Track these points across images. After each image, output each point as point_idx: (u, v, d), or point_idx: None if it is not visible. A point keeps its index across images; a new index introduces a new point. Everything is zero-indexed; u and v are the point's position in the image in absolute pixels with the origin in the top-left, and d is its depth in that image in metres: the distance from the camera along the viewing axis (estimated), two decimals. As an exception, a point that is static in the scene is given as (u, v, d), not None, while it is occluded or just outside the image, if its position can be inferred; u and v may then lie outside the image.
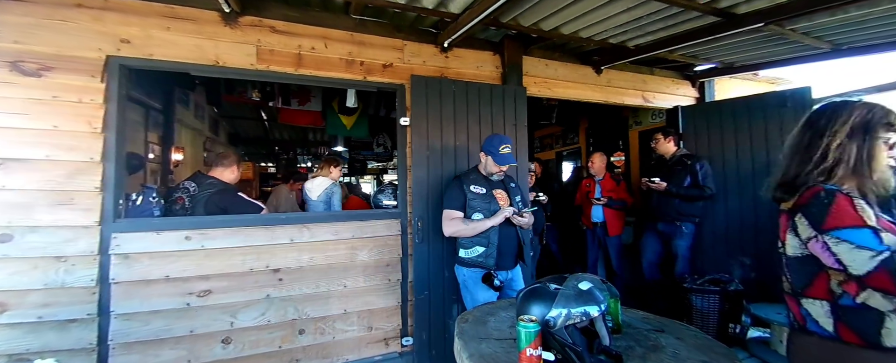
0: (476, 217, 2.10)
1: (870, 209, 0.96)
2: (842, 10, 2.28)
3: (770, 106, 3.23)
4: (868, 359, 0.95)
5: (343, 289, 2.41)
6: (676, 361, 1.14)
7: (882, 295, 0.92)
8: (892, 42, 2.79)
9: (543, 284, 1.17)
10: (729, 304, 2.89)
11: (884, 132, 1.01)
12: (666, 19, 2.55)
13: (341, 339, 2.42)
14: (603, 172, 3.88)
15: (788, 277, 1.11)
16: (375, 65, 2.57)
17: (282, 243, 2.28)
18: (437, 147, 2.60)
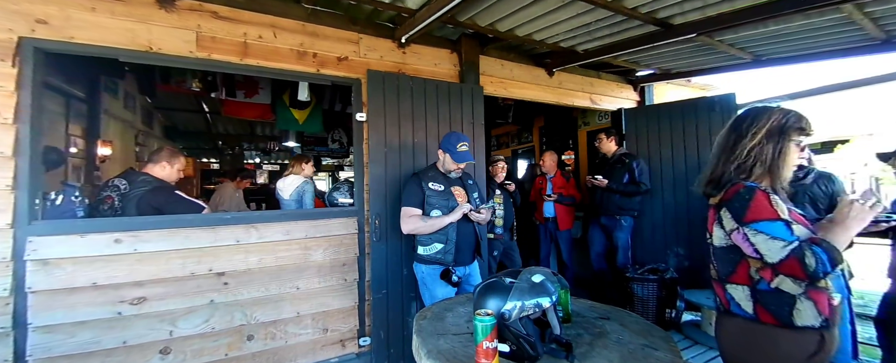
0: (434, 214, 2.12)
1: (783, 204, 1.10)
2: (762, 24, 2.56)
3: (701, 110, 3.55)
4: (781, 337, 1.08)
5: (296, 291, 2.32)
6: (620, 346, 1.22)
7: (792, 280, 1.06)
8: (806, 55, 3.16)
9: (499, 279, 1.21)
10: (665, 291, 3.16)
11: (796, 135, 1.15)
12: (612, 26, 2.71)
13: (294, 343, 2.33)
14: (554, 170, 4.05)
15: (715, 265, 1.23)
16: (329, 57, 2.49)
17: (226, 245, 2.15)
18: (394, 144, 2.57)
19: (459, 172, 2.22)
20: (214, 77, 4.00)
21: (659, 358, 1.13)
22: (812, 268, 0.98)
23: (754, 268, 1.12)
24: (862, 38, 2.75)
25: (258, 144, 8.53)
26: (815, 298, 1.07)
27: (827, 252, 0.99)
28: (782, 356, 1.08)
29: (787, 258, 1.01)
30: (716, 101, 3.51)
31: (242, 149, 8.72)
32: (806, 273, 0.99)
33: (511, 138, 6.42)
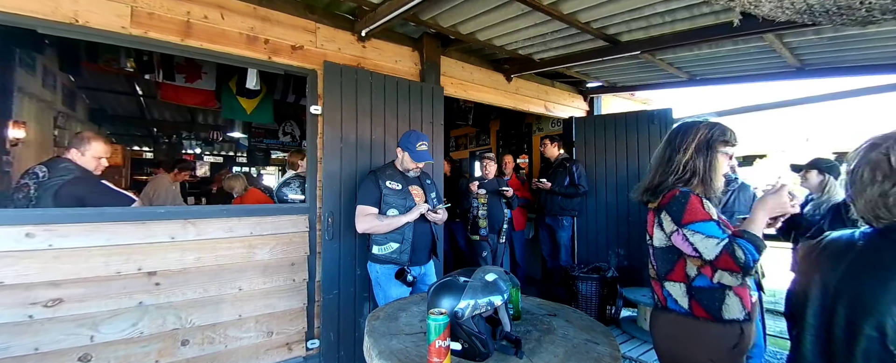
0: (391, 213, 2.09)
1: (713, 207, 1.21)
2: (697, 47, 2.81)
3: (641, 122, 3.83)
4: (711, 330, 1.19)
5: (238, 292, 2.18)
6: (565, 341, 1.29)
7: (729, 273, 1.17)
8: (733, 76, 3.52)
9: (454, 278, 1.22)
10: (607, 289, 3.36)
11: (722, 147, 1.27)
12: (566, 38, 2.85)
13: (235, 348, 2.19)
14: (509, 173, 4.18)
15: (654, 264, 1.33)
16: (283, 45, 2.37)
17: (159, 242, 1.97)
18: (351, 139, 2.50)
19: (418, 171, 2.21)
20: (151, 57, 3.65)
21: (600, 352, 1.20)
22: (742, 260, 1.08)
23: (694, 267, 1.22)
24: (781, 65, 3.11)
25: (199, 133, 7.89)
26: (740, 294, 1.19)
27: (750, 242, 1.10)
28: (709, 348, 1.19)
29: (721, 254, 1.11)
30: (655, 114, 3.80)
31: (181, 138, 8.03)
32: (738, 265, 1.09)
33: (470, 140, 6.51)
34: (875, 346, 0.72)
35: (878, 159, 0.79)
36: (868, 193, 0.81)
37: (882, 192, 0.78)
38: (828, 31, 2.37)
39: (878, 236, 0.81)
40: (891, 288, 0.71)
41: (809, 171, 2.61)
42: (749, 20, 2.27)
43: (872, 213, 0.81)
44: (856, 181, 0.83)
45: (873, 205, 0.80)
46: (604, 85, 4.24)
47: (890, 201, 0.77)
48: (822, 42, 2.58)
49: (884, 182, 0.78)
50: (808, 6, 0.67)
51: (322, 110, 2.43)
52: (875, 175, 0.79)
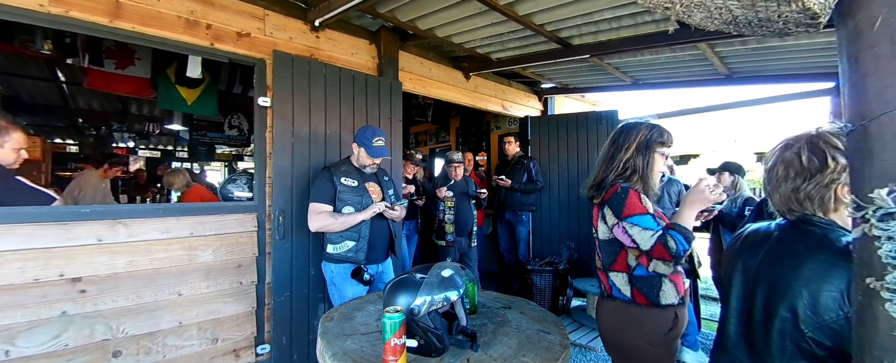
0: (346, 211, 2.02)
1: (650, 202, 1.31)
2: (639, 53, 3.00)
3: (591, 122, 4.04)
4: (650, 314, 1.29)
5: (177, 297, 2.03)
6: (519, 332, 1.33)
7: (663, 262, 1.26)
8: (672, 81, 3.80)
9: (410, 275, 1.21)
10: (559, 281, 3.52)
11: (659, 147, 1.37)
12: (522, 39, 2.93)
13: (175, 357, 2.03)
14: (470, 170, 4.24)
15: (600, 256, 1.42)
16: (228, 31, 2.22)
17: (84, 244, 1.79)
18: (303, 134, 2.40)
19: (374, 168, 2.17)
20: (74, 40, 3.28)
21: (551, 340, 1.25)
22: (674, 250, 1.18)
23: (633, 257, 1.31)
24: (712, 73, 3.40)
25: (132, 125, 7.20)
26: (674, 281, 1.30)
27: (681, 233, 1.20)
28: (649, 331, 1.29)
29: (655, 244, 1.20)
30: (603, 115, 4.02)
31: (111, 129, 7.29)
32: (670, 254, 1.18)
33: (429, 137, 6.50)
34: (788, 326, 0.80)
35: (790, 158, 0.88)
36: (782, 189, 0.90)
37: (794, 188, 0.88)
38: (752, 42, 2.62)
39: (790, 227, 0.90)
40: (801, 273, 0.80)
41: (722, 172, 3.08)
42: (684, 29, 2.45)
43: (786, 207, 0.91)
44: (772, 178, 0.93)
45: (786, 200, 0.90)
46: (557, 86, 4.41)
47: (801, 196, 0.87)
48: (747, 52, 2.85)
49: (795, 179, 0.87)
50: (733, 17, 0.73)
51: (271, 102, 2.31)
52: (788, 172, 0.89)
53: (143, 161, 8.17)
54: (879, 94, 0.59)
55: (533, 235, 4.14)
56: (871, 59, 0.60)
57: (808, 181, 0.85)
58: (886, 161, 0.58)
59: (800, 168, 0.87)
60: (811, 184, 0.85)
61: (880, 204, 0.57)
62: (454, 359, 1.13)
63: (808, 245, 0.82)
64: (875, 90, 0.60)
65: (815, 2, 0.63)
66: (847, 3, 0.64)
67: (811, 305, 0.76)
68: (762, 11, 0.71)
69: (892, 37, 0.57)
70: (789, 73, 3.29)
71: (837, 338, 0.73)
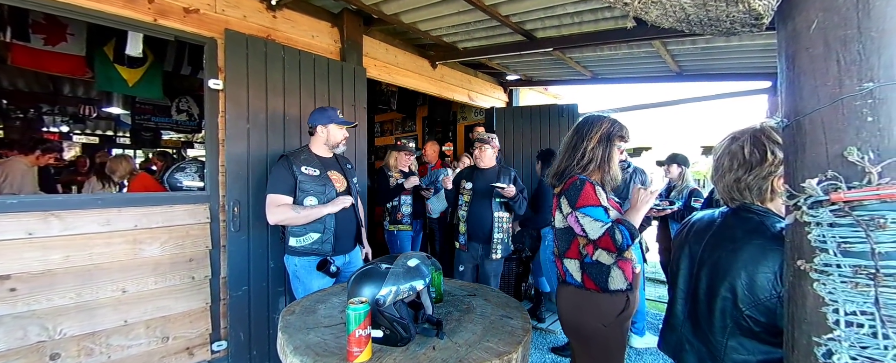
0: (309, 202, 1.92)
1: (604, 194, 1.37)
2: (599, 48, 3.10)
3: (553, 114, 4.15)
4: (601, 300, 1.36)
5: (122, 294, 1.89)
6: (483, 318, 1.35)
7: (607, 252, 1.34)
8: (628, 77, 3.97)
9: (375, 265, 1.20)
10: (522, 268, 3.62)
11: (618, 142, 1.44)
12: (488, 29, 2.93)
13: (121, 358, 1.90)
14: (435, 159, 4.21)
15: (556, 243, 1.47)
16: (173, 6, 2.04)
17: (12, 239, 1.62)
18: (260, 119, 2.28)
19: (344, 146, 2.07)
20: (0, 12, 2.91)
21: (513, 325, 1.29)
22: (619, 242, 1.26)
23: (582, 245, 1.38)
24: (664, 70, 3.58)
25: (66, 108, 6.52)
26: (622, 268, 1.37)
27: (628, 229, 1.30)
28: (602, 314, 1.36)
29: (603, 235, 1.28)
30: (564, 108, 4.14)
31: (40, 112, 6.56)
32: (615, 246, 1.27)
33: (395, 126, 6.41)
34: (728, 305, 0.87)
35: (735, 150, 0.95)
36: (726, 179, 0.97)
37: (736, 178, 0.95)
38: (701, 41, 2.78)
39: (731, 215, 0.97)
40: (740, 257, 0.87)
41: (670, 164, 3.30)
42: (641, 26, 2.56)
43: (728, 195, 0.98)
44: (718, 168, 1.00)
45: (729, 189, 0.97)
46: (522, 78, 4.48)
47: (741, 185, 0.94)
48: (697, 51, 3.03)
49: (738, 170, 0.94)
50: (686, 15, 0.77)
51: (224, 85, 2.17)
52: (732, 164, 0.95)
53: (79, 147, 7.45)
54: (813, 92, 0.64)
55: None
56: (806, 59, 0.65)
57: (749, 172, 0.92)
58: (817, 153, 0.63)
59: (742, 160, 0.93)
60: (751, 175, 0.92)
61: (811, 192, 0.62)
62: (420, 348, 1.13)
63: (747, 231, 0.90)
64: (809, 88, 0.65)
65: (759, 3, 0.67)
66: (787, 5, 0.69)
67: (748, 286, 0.83)
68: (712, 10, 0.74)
69: (826, 39, 0.62)
70: (733, 72, 3.53)
71: (771, 316, 0.81)
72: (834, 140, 0.61)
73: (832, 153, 0.61)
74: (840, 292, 0.58)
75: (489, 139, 2.63)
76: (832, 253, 0.59)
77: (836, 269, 0.59)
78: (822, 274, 0.61)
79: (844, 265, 0.58)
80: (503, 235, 2.58)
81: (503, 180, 2.54)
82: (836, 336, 0.59)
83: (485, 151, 2.62)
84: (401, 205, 3.18)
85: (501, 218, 2.57)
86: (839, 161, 0.60)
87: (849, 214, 0.57)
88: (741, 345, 0.86)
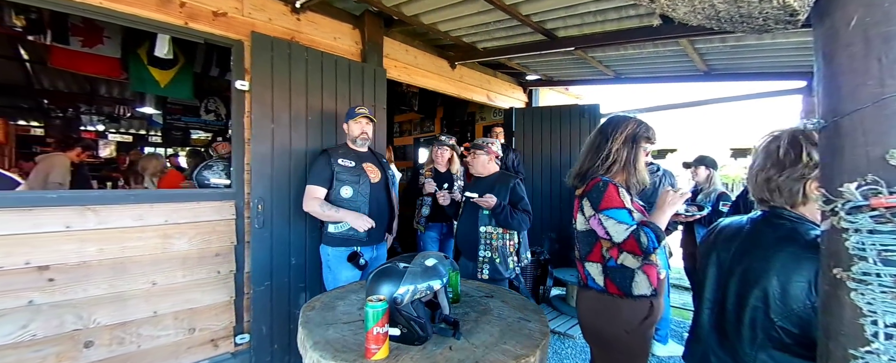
0: (344, 191, 2.10)
1: (628, 196, 1.34)
2: (622, 47, 3.03)
3: (574, 115, 4.08)
4: (624, 305, 1.33)
5: (152, 286, 1.97)
6: (501, 320, 1.35)
7: (632, 256, 1.30)
8: (653, 76, 3.86)
9: (393, 264, 1.21)
10: (540, 270, 3.58)
11: (644, 143, 1.41)
12: (508, 29, 2.91)
13: (151, 347, 1.98)
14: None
15: (577, 246, 1.45)
16: (203, 10, 2.12)
17: (52, 231, 1.71)
18: (284, 119, 2.34)
19: (366, 139, 2.22)
20: (40, 15, 3.08)
21: (531, 328, 1.28)
22: (644, 245, 1.23)
23: (605, 248, 1.34)
24: (691, 69, 3.47)
25: (102, 108, 6.86)
26: (647, 272, 1.33)
27: (653, 232, 1.25)
28: (624, 320, 1.33)
29: (627, 238, 1.24)
30: (585, 108, 4.07)
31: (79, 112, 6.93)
32: (641, 249, 1.23)
33: (414, 126, 6.45)
34: (759, 316, 0.84)
35: (771, 149, 0.91)
36: (759, 177, 0.93)
37: (767, 178, 0.91)
38: (731, 39, 2.68)
39: (762, 221, 0.94)
40: (772, 265, 0.83)
41: (698, 166, 3.19)
42: (667, 24, 2.49)
43: (759, 195, 0.94)
44: (753, 166, 0.96)
45: (760, 188, 0.93)
46: (542, 78, 4.42)
47: (772, 186, 0.90)
48: (726, 49, 2.92)
49: (770, 169, 0.90)
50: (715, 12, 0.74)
51: (250, 86, 2.23)
52: (766, 163, 0.92)
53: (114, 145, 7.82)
54: (852, 93, 0.61)
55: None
56: (845, 58, 0.62)
57: (781, 173, 0.88)
58: (856, 157, 0.60)
59: (776, 159, 0.90)
60: (783, 175, 0.88)
61: (849, 197, 0.59)
62: (437, 348, 1.14)
63: (779, 238, 0.86)
64: (848, 88, 0.62)
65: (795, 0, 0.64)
66: (824, 1, 0.66)
67: (780, 295, 0.80)
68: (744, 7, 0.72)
69: (867, 36, 0.59)
70: (765, 72, 3.39)
71: (804, 327, 0.77)
72: (875, 142, 0.58)
73: (873, 156, 0.58)
74: (879, 302, 0.55)
75: (484, 144, 2.36)
76: (872, 261, 0.56)
77: (875, 279, 0.56)
78: (860, 283, 0.58)
79: (885, 274, 0.55)
80: (492, 254, 2.21)
81: (497, 190, 2.22)
82: (874, 349, 0.56)
83: (477, 158, 2.36)
84: (422, 206, 3.17)
85: (488, 233, 2.23)
86: (880, 164, 0.57)
87: (891, 220, 0.54)
88: (772, 357, 0.82)
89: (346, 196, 2.11)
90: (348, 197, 2.11)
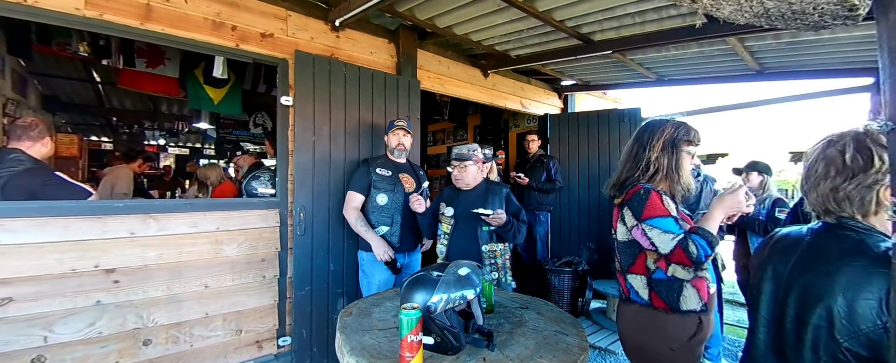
0: (380, 198, 2.25)
1: (673, 204, 1.26)
2: (664, 48, 2.91)
3: (613, 120, 3.94)
4: (671, 320, 1.25)
5: (204, 289, 2.10)
6: (536, 333, 1.31)
7: (682, 267, 1.22)
8: (699, 78, 3.66)
9: (427, 272, 1.22)
10: (578, 282, 3.46)
11: (685, 146, 1.33)
12: (541, 36, 2.88)
13: (202, 347, 2.11)
14: None
15: (618, 258, 1.38)
16: (252, 32, 2.28)
17: (118, 237, 1.87)
18: (324, 132, 2.45)
19: (404, 150, 2.33)
20: (108, 42, 3.44)
21: (568, 342, 1.24)
22: (694, 255, 1.14)
23: (651, 260, 1.27)
24: (741, 68, 3.26)
25: (163, 124, 7.51)
26: (697, 286, 1.24)
27: (704, 238, 1.16)
28: (670, 337, 1.25)
29: (675, 248, 1.17)
30: (625, 113, 3.92)
31: (143, 128, 7.62)
32: (690, 259, 1.15)
33: (447, 135, 6.51)
34: (823, 335, 0.76)
35: (833, 156, 0.83)
36: (821, 188, 0.85)
37: (833, 187, 0.83)
38: (786, 35, 2.50)
39: (824, 232, 0.86)
40: (836, 280, 0.75)
41: (750, 172, 2.97)
42: (712, 23, 2.36)
43: (822, 207, 0.86)
44: (810, 175, 0.88)
45: (824, 199, 0.85)
46: (578, 83, 4.33)
47: (840, 196, 0.82)
48: (781, 46, 2.72)
49: (836, 178, 0.82)
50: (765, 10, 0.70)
51: (293, 101, 2.36)
52: (829, 170, 0.84)
53: (173, 158, 8.50)
54: (926, 91, 0.55)
55: (552, 235, 4.08)
56: (917, 54, 0.57)
57: (850, 180, 0.81)
58: (933, 162, 0.54)
59: (842, 166, 0.82)
60: (852, 183, 0.80)
61: (925, 208, 0.53)
62: (470, 358, 1.13)
63: (844, 250, 0.78)
64: (921, 86, 0.56)
65: (855, -7, 0.59)
66: (891, -7, 0.61)
67: (847, 314, 0.72)
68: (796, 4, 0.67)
69: (942, 29, 0.53)
70: (825, 69, 3.12)
71: (875, 349, 0.70)
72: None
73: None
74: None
75: (470, 153, 2.08)
76: (957, 279, 0.50)
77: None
78: (943, 304, 0.51)
79: (975, 295, 0.49)
80: (497, 273, 2.02)
81: (491, 202, 2.01)
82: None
83: (466, 170, 2.07)
84: None
85: (492, 251, 2.02)
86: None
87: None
88: (838, 382, 0.75)
89: (381, 203, 2.24)
90: (383, 204, 2.24)
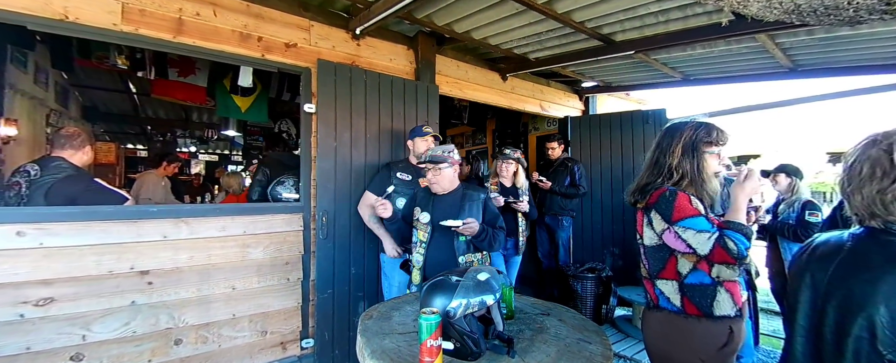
0: (399, 202, 2.26)
1: (701, 203, 1.22)
2: (690, 47, 2.82)
3: (636, 122, 3.84)
4: (702, 327, 1.20)
5: (231, 291, 2.17)
6: (558, 340, 1.29)
7: (726, 266, 1.17)
8: (726, 76, 3.53)
9: (446, 277, 1.22)
10: (601, 288, 3.38)
11: (706, 147, 1.28)
12: (561, 38, 2.85)
13: (229, 347, 2.18)
14: None
15: (646, 263, 1.34)
16: (276, 43, 2.36)
17: (151, 240, 1.96)
18: (345, 138, 2.49)
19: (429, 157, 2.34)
20: (143, 54, 3.62)
21: (592, 351, 1.21)
22: (734, 251, 1.09)
23: (689, 264, 1.22)
24: (773, 66, 3.12)
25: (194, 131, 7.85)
26: (731, 290, 1.19)
27: (737, 231, 1.12)
28: (698, 346, 1.20)
29: (714, 247, 1.12)
30: (650, 114, 3.81)
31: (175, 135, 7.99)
32: (732, 256, 1.10)
33: (466, 139, 6.51)
34: (865, 347, 0.71)
35: (878, 156, 0.78)
36: (865, 191, 0.80)
37: (880, 189, 0.77)
38: (819, 31, 2.38)
39: (867, 237, 0.80)
40: (879, 289, 0.71)
41: (778, 174, 2.85)
42: (740, 20, 2.28)
43: (867, 211, 0.80)
44: (853, 177, 0.82)
45: (869, 202, 0.79)
46: (599, 84, 4.25)
47: (888, 198, 0.77)
48: (814, 43, 2.60)
49: (882, 179, 0.77)
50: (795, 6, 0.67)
51: (316, 109, 2.42)
52: (874, 172, 0.78)
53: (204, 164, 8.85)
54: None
55: (574, 241, 3.99)
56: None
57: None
58: None
59: (889, 167, 0.77)
60: None
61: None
62: (490, 364, 1.12)
63: (888, 257, 0.73)
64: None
65: (895, -15, 0.56)
66: (936, -16, 0.57)
67: (890, 325, 0.68)
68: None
69: None
70: (864, 65, 2.95)
71: (924, 363, 0.65)
72: None
73: None
74: None
75: (445, 155, 1.92)
76: None
77: None
78: None
79: None
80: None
81: (469, 209, 1.87)
82: None
83: (442, 173, 1.90)
84: None
85: (469, 263, 1.87)
86: None
87: None
88: (883, 396, 0.70)
89: (400, 206, 2.25)
90: (401, 207, 2.25)
